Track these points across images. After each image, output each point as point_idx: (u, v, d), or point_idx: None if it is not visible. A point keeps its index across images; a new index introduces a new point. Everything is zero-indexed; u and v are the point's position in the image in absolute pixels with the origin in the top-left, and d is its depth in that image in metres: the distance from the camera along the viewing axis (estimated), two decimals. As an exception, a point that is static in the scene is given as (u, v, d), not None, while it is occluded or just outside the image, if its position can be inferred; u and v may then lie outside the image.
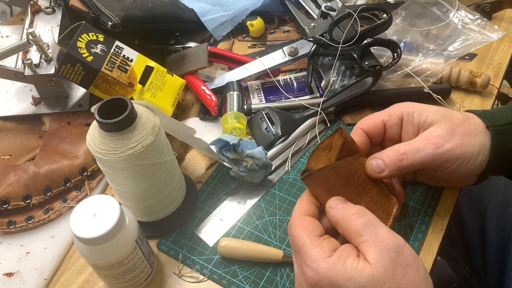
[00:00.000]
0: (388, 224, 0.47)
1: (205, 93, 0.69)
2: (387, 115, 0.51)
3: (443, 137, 0.47)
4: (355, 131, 0.51)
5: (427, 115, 0.49)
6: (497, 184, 0.73)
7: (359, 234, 0.40)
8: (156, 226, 0.57)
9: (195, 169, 0.65)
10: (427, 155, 0.46)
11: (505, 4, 0.79)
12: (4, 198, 0.58)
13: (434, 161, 0.47)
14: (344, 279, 0.38)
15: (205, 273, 0.53)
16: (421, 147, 0.47)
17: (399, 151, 0.47)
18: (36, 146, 0.67)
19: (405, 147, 0.47)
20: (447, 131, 0.47)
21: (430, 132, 0.48)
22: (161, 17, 0.76)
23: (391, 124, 0.50)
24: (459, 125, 0.48)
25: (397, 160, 0.47)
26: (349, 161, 0.46)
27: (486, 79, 0.68)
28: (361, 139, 0.50)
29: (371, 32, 0.70)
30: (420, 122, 0.49)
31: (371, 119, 0.51)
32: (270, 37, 0.85)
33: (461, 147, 0.47)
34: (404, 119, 0.50)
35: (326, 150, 0.48)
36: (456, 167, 0.47)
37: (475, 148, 0.47)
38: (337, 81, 0.73)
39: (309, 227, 0.42)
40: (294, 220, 0.43)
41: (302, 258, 0.41)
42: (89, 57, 0.61)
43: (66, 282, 0.55)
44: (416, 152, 0.47)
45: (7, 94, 0.74)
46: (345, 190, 0.46)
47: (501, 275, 0.67)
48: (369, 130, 0.51)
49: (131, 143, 0.46)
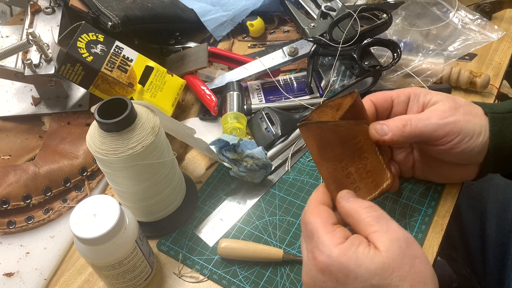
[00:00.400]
0: (373, 194, 0.47)
1: (205, 93, 0.69)
2: (396, 93, 0.53)
3: (447, 111, 0.49)
4: (364, 101, 0.52)
5: (432, 96, 0.51)
6: (497, 184, 0.73)
7: (370, 224, 0.41)
8: (156, 226, 0.57)
9: (195, 169, 0.65)
10: (430, 124, 0.48)
11: (505, 4, 0.79)
12: (4, 198, 0.58)
13: (436, 132, 0.48)
14: (355, 265, 0.38)
15: (205, 273, 0.53)
16: (425, 117, 0.49)
17: (404, 118, 0.49)
18: (36, 146, 0.67)
19: (410, 115, 0.50)
20: (450, 108, 0.49)
21: (434, 107, 0.50)
22: (161, 17, 0.76)
23: (398, 101, 0.52)
24: (462, 105, 0.50)
25: (401, 125, 0.48)
26: (352, 124, 0.47)
27: (486, 79, 0.68)
28: (369, 109, 0.52)
29: (371, 32, 0.70)
30: (425, 101, 0.51)
31: (381, 93, 0.53)
32: (270, 37, 0.85)
33: (464, 122, 0.48)
34: (411, 98, 0.52)
35: (334, 108, 0.49)
36: (457, 143, 0.48)
37: (477, 127, 0.49)
38: (337, 81, 0.73)
39: (324, 214, 0.43)
40: (310, 208, 0.45)
41: (314, 243, 0.42)
42: (89, 57, 0.61)
43: (66, 282, 0.55)
44: (420, 120, 0.48)
45: (7, 94, 0.74)
46: (339, 149, 0.46)
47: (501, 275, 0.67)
48: (378, 102, 0.52)
49: (131, 143, 0.46)
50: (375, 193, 0.47)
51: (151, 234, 0.57)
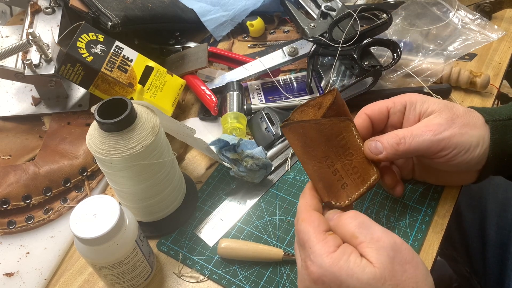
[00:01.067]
0: (361, 190, 0.47)
1: (205, 93, 0.69)
2: (391, 102, 0.52)
3: (442, 125, 0.48)
4: (359, 115, 0.52)
5: (429, 105, 0.50)
6: (497, 184, 0.73)
7: (355, 236, 0.41)
8: (156, 226, 0.57)
9: (195, 169, 0.65)
10: (424, 141, 0.47)
11: (505, 4, 0.79)
12: (4, 198, 0.58)
13: (431, 148, 0.47)
14: (346, 275, 0.38)
15: (205, 273, 0.53)
16: (419, 133, 0.48)
17: (398, 136, 0.48)
18: (36, 146, 0.67)
19: (404, 132, 0.48)
20: (446, 120, 0.48)
21: (430, 119, 0.49)
22: (161, 17, 0.76)
23: (394, 111, 0.51)
24: (460, 116, 0.49)
25: (395, 143, 0.47)
26: (335, 121, 0.47)
27: (486, 79, 0.68)
28: (364, 123, 0.51)
29: (371, 32, 0.70)
30: (421, 111, 0.50)
31: (376, 105, 0.52)
32: (270, 37, 0.85)
33: (459, 136, 0.47)
34: (407, 107, 0.51)
35: (315, 107, 0.49)
36: (452, 156, 0.48)
37: (473, 140, 0.48)
38: (337, 81, 0.73)
39: (315, 221, 0.43)
40: (301, 215, 0.44)
41: (306, 253, 0.41)
42: (89, 57, 0.61)
43: (66, 282, 0.55)
44: (414, 137, 0.47)
45: (7, 94, 0.74)
46: (323, 147, 0.46)
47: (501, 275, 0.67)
48: (373, 115, 0.52)
49: (131, 143, 0.46)
50: (362, 188, 0.48)
51: (151, 234, 0.57)
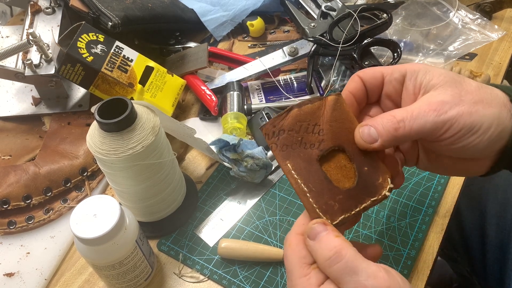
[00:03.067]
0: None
1: (205, 93, 0.69)
2: (389, 69, 0.44)
3: (447, 103, 0.39)
4: (352, 79, 0.45)
5: (432, 76, 0.42)
6: (497, 184, 0.73)
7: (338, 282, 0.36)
8: (156, 226, 0.57)
9: (195, 169, 0.65)
10: (426, 122, 0.39)
11: (505, 4, 0.79)
12: (4, 199, 0.58)
13: (434, 131, 0.40)
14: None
15: (205, 273, 0.53)
16: (420, 113, 0.39)
17: (396, 118, 0.40)
18: (36, 146, 0.67)
19: (403, 113, 0.40)
20: (453, 96, 0.40)
21: (433, 96, 0.40)
22: (161, 17, 0.76)
23: (390, 79, 0.44)
24: (470, 92, 0.40)
25: (392, 128, 0.39)
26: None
27: (486, 79, 0.68)
28: (357, 85, 0.45)
29: (371, 32, 0.70)
30: (422, 82, 0.42)
31: (371, 69, 0.45)
32: (270, 37, 0.85)
33: (468, 116, 0.39)
34: (407, 76, 0.43)
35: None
36: (457, 139, 0.40)
37: (485, 120, 0.39)
38: (337, 81, 0.73)
39: (301, 252, 0.38)
40: (289, 238, 0.40)
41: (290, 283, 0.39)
42: (89, 57, 0.61)
43: (66, 282, 0.55)
44: (415, 120, 0.39)
45: (7, 94, 0.74)
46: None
47: (501, 275, 0.67)
48: (366, 78, 0.45)
49: (131, 143, 0.46)
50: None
51: (151, 234, 0.57)
